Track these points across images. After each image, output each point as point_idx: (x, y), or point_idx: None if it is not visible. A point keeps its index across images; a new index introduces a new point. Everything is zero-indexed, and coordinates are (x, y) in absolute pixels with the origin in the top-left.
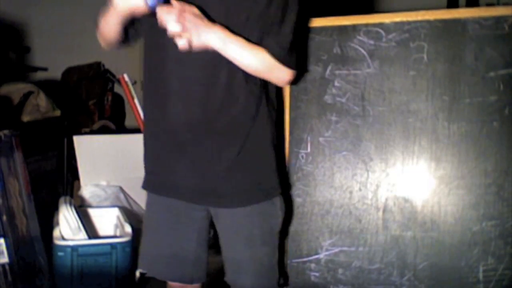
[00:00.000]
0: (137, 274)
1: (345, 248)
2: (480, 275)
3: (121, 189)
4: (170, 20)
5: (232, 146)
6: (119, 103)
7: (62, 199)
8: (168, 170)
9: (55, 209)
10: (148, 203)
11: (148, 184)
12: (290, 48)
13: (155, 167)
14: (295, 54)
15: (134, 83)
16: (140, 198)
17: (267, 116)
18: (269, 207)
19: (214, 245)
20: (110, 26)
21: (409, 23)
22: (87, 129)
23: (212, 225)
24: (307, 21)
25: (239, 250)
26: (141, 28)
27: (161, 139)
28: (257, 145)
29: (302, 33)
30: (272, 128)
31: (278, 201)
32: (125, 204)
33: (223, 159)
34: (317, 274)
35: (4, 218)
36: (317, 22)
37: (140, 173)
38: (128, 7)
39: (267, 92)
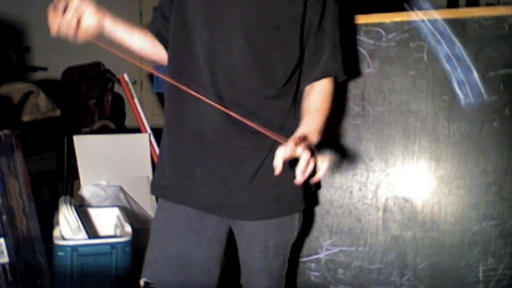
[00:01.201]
0: (141, 283)
1: (345, 248)
2: (480, 275)
3: (121, 189)
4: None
5: (258, 154)
6: (119, 103)
7: (62, 199)
8: (187, 176)
9: (55, 209)
10: (158, 209)
11: (160, 191)
12: (342, 58)
13: (172, 172)
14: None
15: (134, 83)
16: (140, 198)
17: (295, 125)
18: (287, 221)
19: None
20: (136, 47)
21: (409, 22)
22: (87, 129)
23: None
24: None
25: (253, 259)
26: (168, 29)
27: (184, 143)
28: None
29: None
30: None
31: (297, 215)
32: (125, 204)
33: (247, 167)
34: (317, 274)
35: (4, 218)
36: None
37: (140, 173)
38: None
39: (297, 100)
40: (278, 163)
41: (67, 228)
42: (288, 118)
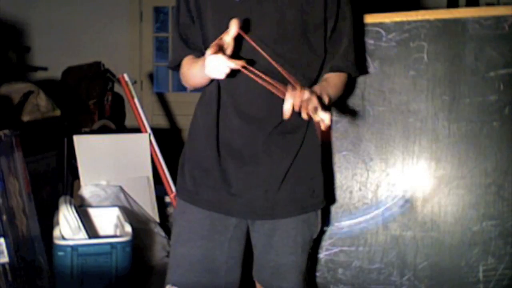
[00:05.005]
0: None
1: (345, 248)
2: (480, 275)
3: (121, 189)
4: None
5: (290, 152)
6: (119, 103)
7: (62, 199)
8: (221, 188)
9: (55, 209)
10: (179, 212)
11: (192, 197)
12: (355, 55)
13: (206, 182)
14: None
15: (134, 83)
16: (140, 198)
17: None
18: (312, 215)
19: None
20: (201, 80)
21: (409, 22)
22: (87, 129)
23: None
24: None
25: (280, 255)
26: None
27: (215, 154)
28: (308, 154)
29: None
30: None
31: (319, 211)
32: (125, 204)
33: (281, 167)
34: (317, 274)
35: (4, 218)
36: None
37: (140, 173)
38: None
39: None
40: (287, 107)
41: (67, 228)
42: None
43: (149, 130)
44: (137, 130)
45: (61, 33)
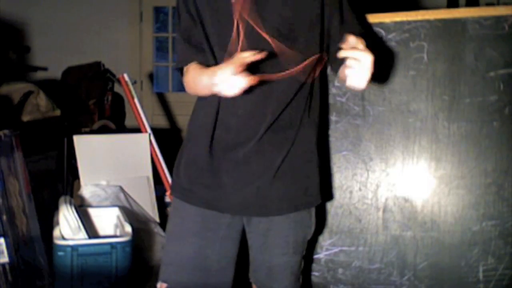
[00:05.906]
0: (159, 286)
1: (345, 248)
2: (480, 275)
3: (121, 189)
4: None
5: (282, 148)
6: (119, 103)
7: (62, 199)
8: (213, 186)
9: (55, 209)
10: (173, 209)
11: (187, 194)
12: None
13: (199, 179)
14: None
15: (134, 83)
16: (140, 198)
17: (311, 119)
18: (305, 216)
19: None
20: (207, 92)
21: (409, 22)
22: (87, 129)
23: None
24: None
25: (273, 255)
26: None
27: (210, 152)
28: (301, 152)
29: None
30: (316, 133)
31: (313, 211)
32: (125, 204)
33: (274, 164)
34: (317, 274)
35: (4, 218)
36: None
37: (140, 173)
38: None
39: (313, 94)
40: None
41: (67, 228)
42: (303, 117)
43: (149, 130)
44: (137, 130)
45: (61, 33)
